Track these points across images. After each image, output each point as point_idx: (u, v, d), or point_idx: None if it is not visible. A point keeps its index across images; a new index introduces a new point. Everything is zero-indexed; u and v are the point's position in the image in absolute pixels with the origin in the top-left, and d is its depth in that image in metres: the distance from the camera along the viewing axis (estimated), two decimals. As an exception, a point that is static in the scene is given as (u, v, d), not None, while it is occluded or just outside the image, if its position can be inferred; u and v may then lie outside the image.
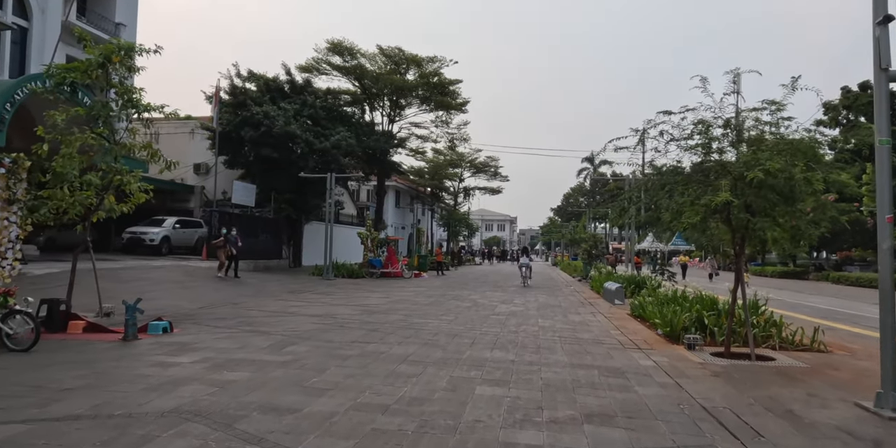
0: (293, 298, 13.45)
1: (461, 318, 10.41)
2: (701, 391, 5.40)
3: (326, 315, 10.34)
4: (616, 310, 12.90)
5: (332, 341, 7.44)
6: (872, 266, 34.51)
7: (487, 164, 51.05)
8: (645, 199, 7.94)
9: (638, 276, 17.39)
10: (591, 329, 9.63)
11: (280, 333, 8.00)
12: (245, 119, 24.07)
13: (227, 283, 16.08)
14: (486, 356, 6.81)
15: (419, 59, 31.14)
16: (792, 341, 8.30)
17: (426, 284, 20.01)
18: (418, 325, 9.26)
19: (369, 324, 9.28)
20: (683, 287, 11.87)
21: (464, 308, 12.24)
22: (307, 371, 5.65)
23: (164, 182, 28.11)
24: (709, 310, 9.35)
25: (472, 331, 8.89)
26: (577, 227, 37.15)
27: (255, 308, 11.32)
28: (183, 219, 25.47)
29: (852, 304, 16.84)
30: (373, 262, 23.70)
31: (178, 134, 31.14)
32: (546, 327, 9.61)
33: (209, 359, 6.12)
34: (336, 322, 9.40)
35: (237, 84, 25.53)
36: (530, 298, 15.32)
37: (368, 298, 13.97)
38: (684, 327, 8.65)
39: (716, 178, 7.57)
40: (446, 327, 9.17)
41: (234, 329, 8.39)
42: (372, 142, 28.69)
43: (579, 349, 7.54)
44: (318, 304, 12.43)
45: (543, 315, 11.44)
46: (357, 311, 11.01)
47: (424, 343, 7.57)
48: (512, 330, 9.15)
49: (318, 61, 30.82)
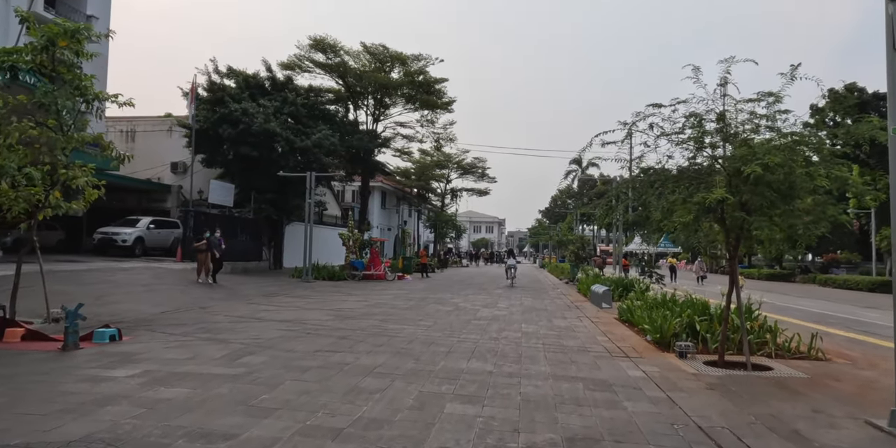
0: (266, 302, 12.77)
1: (440, 324, 9.82)
2: (696, 408, 4.87)
3: (296, 320, 9.69)
4: (603, 314, 12.39)
5: (294, 351, 6.82)
6: (859, 268, 34.52)
7: (475, 166, 50.59)
8: (633, 198, 7.42)
9: (626, 279, 16.93)
10: (577, 335, 9.09)
11: (239, 342, 7.35)
12: (223, 116, 23.29)
13: (201, 287, 15.34)
14: (461, 367, 6.23)
15: (404, 57, 30.54)
16: (788, 348, 7.82)
17: (409, 287, 19.40)
18: (393, 332, 8.65)
19: (340, 330, 8.66)
20: (673, 290, 11.39)
21: (444, 313, 11.65)
22: (258, 386, 5.02)
23: (139, 181, 27.28)
24: (700, 315, 8.85)
25: (449, 338, 8.30)
26: (562, 229, 36.79)
27: (222, 313, 10.64)
28: (158, 219, 24.62)
29: (842, 308, 16.53)
30: (355, 264, 23.03)
31: (156, 132, 30.33)
32: (529, 333, 9.06)
33: (149, 372, 5.47)
34: (305, 328, 8.76)
35: (215, 80, 24.73)
36: (515, 302, 14.77)
37: (345, 302, 13.33)
38: (675, 334, 8.14)
39: (709, 174, 7.09)
40: (423, 334, 8.57)
41: (190, 337, 7.72)
42: (355, 141, 28.05)
43: (564, 358, 6.98)
44: (290, 308, 11.77)
45: (527, 320, 10.89)
46: (330, 317, 10.37)
47: (396, 352, 6.97)
48: (493, 336, 8.58)
49: (300, 58, 30.10)
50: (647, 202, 7.46)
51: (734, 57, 7.00)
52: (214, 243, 16.37)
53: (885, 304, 18.25)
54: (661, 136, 7.14)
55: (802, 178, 6.00)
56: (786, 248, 8.51)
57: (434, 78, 31.68)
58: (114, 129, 30.53)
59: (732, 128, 7.00)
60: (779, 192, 6.38)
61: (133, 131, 30.65)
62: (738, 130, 6.96)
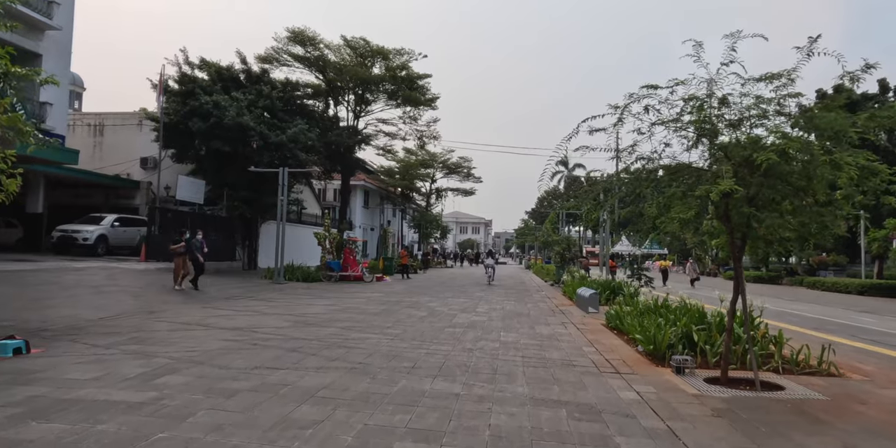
0: (224, 306, 11.69)
1: (410, 332, 8.84)
2: (704, 444, 3.95)
3: (248, 328, 8.65)
4: (590, 319, 11.50)
5: (228, 367, 5.79)
6: (846, 270, 34.15)
7: (460, 165, 49.63)
8: (626, 191, 6.51)
9: (613, 282, 16.06)
10: (561, 345, 8.16)
11: (168, 356, 6.30)
12: (193, 109, 22.06)
13: (160, 290, 14.18)
14: (424, 388, 5.26)
15: (386, 51, 29.50)
16: (796, 362, 6.96)
17: (385, 289, 18.38)
18: (354, 342, 7.65)
19: (294, 340, 7.64)
20: (665, 295, 10.52)
21: (417, 319, 10.66)
22: (158, 420, 4.00)
23: (106, 177, 25.93)
24: (697, 323, 7.98)
25: (417, 349, 7.33)
26: (546, 228, 35.91)
27: (169, 319, 9.56)
28: (124, 216, 23.33)
29: (837, 312, 15.84)
30: (331, 265, 21.94)
31: (126, 126, 29.00)
32: (508, 343, 8.11)
33: (33, 399, 4.43)
34: (253, 338, 7.73)
35: (186, 72, 23.47)
36: (496, 306, 13.83)
37: (312, 306, 12.29)
38: (670, 345, 7.25)
39: (712, 164, 6.21)
40: (388, 345, 7.58)
41: (113, 349, 6.66)
42: (334, 136, 26.97)
43: (545, 375, 6.04)
44: (248, 313, 10.71)
45: (508, 327, 9.95)
46: (289, 323, 9.34)
47: (351, 368, 5.98)
48: (467, 347, 7.62)
49: (278, 51, 28.93)
50: (639, 196, 6.57)
51: (740, 31, 6.10)
52: (196, 246, 14.80)
53: (879, 307, 17.63)
54: (657, 123, 6.24)
55: (824, 167, 5.12)
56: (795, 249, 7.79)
57: (417, 73, 30.69)
58: (81, 123, 29.20)
59: (737, 113, 6.12)
60: (793, 185, 5.52)
61: (101, 125, 29.27)
62: (742, 117, 6.09)
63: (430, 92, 31.34)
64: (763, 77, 5.79)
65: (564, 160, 76.71)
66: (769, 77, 5.77)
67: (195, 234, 15.21)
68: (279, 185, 20.44)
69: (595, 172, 57.26)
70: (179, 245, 14.37)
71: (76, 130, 28.94)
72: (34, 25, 19.46)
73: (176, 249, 14.31)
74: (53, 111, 20.63)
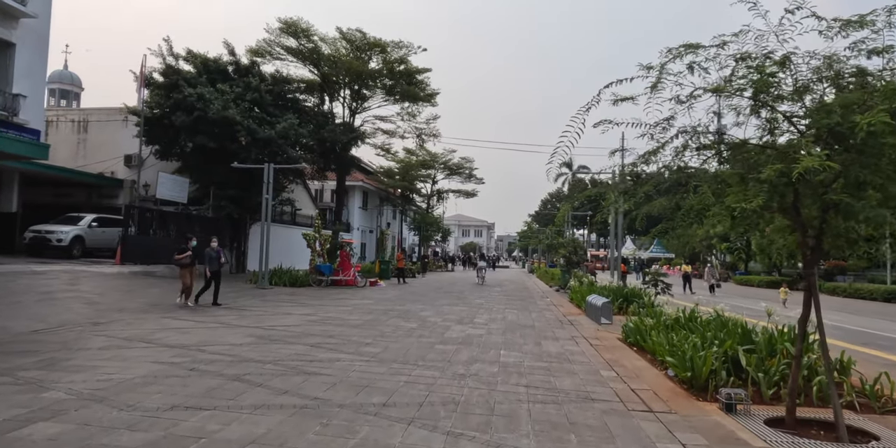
0: (186, 316, 10.27)
1: (392, 350, 7.39)
2: None
3: (197, 346, 7.21)
4: (604, 333, 10.02)
5: (132, 408, 4.34)
6: (866, 276, 32.50)
7: (462, 166, 48.19)
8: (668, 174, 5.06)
9: (626, 288, 14.58)
10: (574, 368, 6.70)
11: (67, 389, 4.87)
12: (177, 102, 20.73)
13: (122, 296, 12.77)
14: (391, 444, 3.81)
15: (383, 43, 28.10)
16: (873, 393, 5.51)
17: (377, 295, 16.93)
18: (318, 366, 6.21)
19: (244, 364, 6.19)
20: (694, 304, 9.05)
21: (404, 332, 9.21)
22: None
23: (88, 175, 24.56)
24: (742, 342, 6.51)
25: (396, 376, 5.88)
26: (551, 228, 34.35)
27: (112, 332, 8.13)
28: (103, 216, 21.93)
29: (880, 323, 14.28)
30: (321, 269, 20.50)
31: (110, 122, 27.63)
32: (510, 366, 6.65)
33: None
34: (195, 360, 6.29)
35: (171, 63, 22.12)
36: (496, 315, 12.36)
37: (288, 316, 10.85)
38: (713, 371, 5.79)
39: (772, 140, 4.76)
40: (360, 369, 6.13)
41: (6, 376, 5.22)
42: (327, 133, 25.55)
43: (557, 417, 4.58)
44: (211, 325, 9.28)
45: (509, 343, 8.48)
46: (249, 339, 7.89)
47: (300, 408, 4.53)
48: (458, 372, 6.16)
49: (270, 43, 27.56)
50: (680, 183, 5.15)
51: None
52: (210, 256, 12.52)
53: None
54: (706, 89, 4.81)
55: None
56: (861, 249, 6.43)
57: (416, 68, 29.28)
58: (65, 119, 27.94)
59: (800, 80, 4.68)
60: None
61: (86, 121, 27.98)
62: (818, 76, 4.65)
63: (429, 87, 29.93)
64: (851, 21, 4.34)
65: (569, 162, 75.58)
66: (860, 21, 4.32)
67: (210, 243, 12.99)
68: (264, 183, 19.02)
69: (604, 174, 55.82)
70: (185, 254, 11.96)
71: (59, 127, 27.68)
72: (7, 12, 18.15)
73: (181, 260, 11.95)
74: (28, 104, 19.27)
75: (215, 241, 13.19)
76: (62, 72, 34.92)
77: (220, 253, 12.81)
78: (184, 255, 11.99)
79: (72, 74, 36.04)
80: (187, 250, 12.08)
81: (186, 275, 11.92)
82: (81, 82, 37.23)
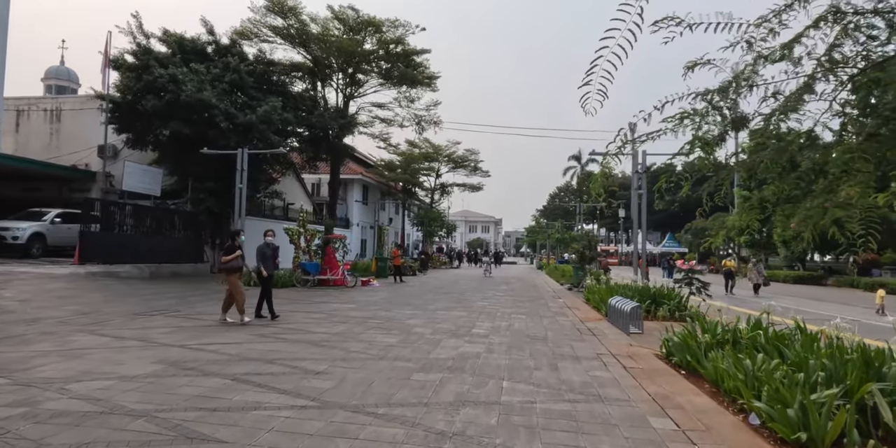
0: (109, 329, 8.15)
1: (348, 385, 5.22)
2: None
3: (61, 381, 5.08)
4: (637, 348, 7.79)
5: None
6: (905, 269, 29.97)
7: (466, 158, 45.85)
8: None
9: (653, 288, 12.31)
10: (610, 414, 4.51)
11: None
12: (147, 84, 18.61)
13: (55, 302, 10.72)
14: None
15: (378, 22, 25.92)
16: None
17: (364, 298, 14.78)
18: (218, 420, 4.05)
19: (103, 418, 4.05)
20: (766, 312, 6.80)
21: (377, 351, 7.04)
22: None
23: (58, 167, 22.54)
24: (867, 375, 4.29)
25: (335, 439, 3.71)
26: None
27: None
28: (68, 211, 19.97)
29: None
30: (306, 267, 18.39)
31: (84, 111, 25.56)
32: (514, 409, 4.48)
33: None
34: (23, 416, 4.16)
35: (141, 42, 20.00)
36: (500, 323, 10.17)
37: (234, 330, 8.72)
38: (843, 434, 3.58)
39: None
40: (279, 428, 3.97)
41: None
42: (315, 118, 23.39)
43: None
44: (128, 340, 7.15)
45: (515, 367, 6.30)
46: (152, 369, 5.74)
47: None
48: (436, 429, 3.99)
49: (255, 23, 25.46)
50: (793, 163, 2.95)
51: None
52: (265, 254, 9.82)
53: None
54: None
55: None
56: None
57: (414, 49, 27.10)
58: (36, 108, 25.99)
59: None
60: None
61: (59, 110, 25.98)
62: None
63: (428, 69, 27.70)
64: None
65: (578, 155, 72.92)
66: None
67: (265, 238, 10.13)
68: (237, 170, 16.90)
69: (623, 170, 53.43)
70: (235, 255, 9.26)
71: (30, 116, 25.75)
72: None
73: (229, 261, 9.27)
74: None
75: (272, 233, 10.28)
76: (58, 68, 33.24)
77: (276, 251, 10.22)
78: (233, 255, 9.23)
79: (68, 70, 34.19)
80: (236, 249, 9.33)
81: (237, 282, 9.12)
82: (78, 78, 35.33)
